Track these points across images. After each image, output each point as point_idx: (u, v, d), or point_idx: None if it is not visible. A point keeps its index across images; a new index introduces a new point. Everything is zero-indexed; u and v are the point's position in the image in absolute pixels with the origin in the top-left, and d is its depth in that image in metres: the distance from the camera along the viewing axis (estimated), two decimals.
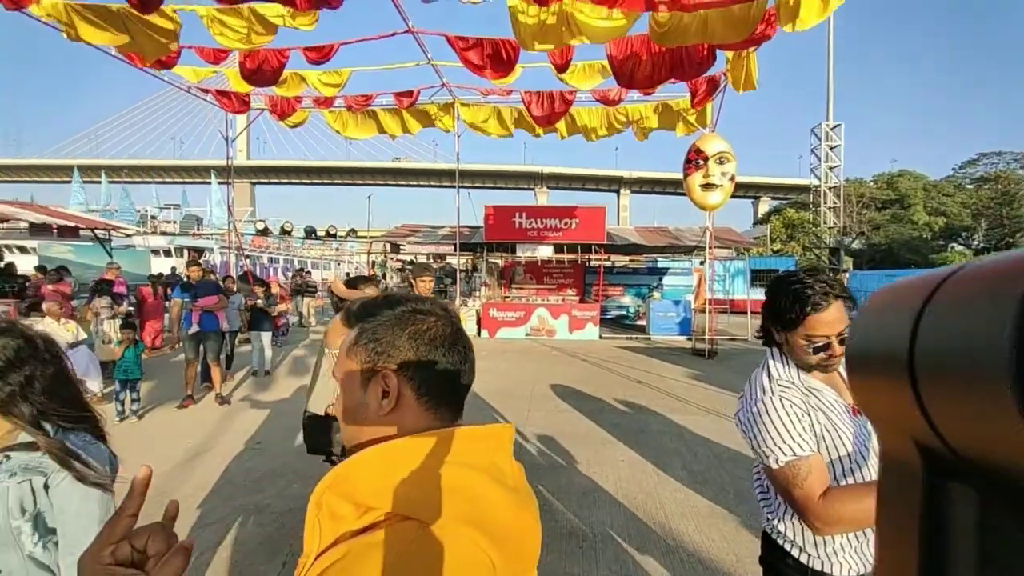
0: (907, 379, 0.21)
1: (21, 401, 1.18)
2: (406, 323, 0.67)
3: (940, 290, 0.21)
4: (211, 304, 6.01)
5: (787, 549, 1.27)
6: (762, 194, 59.74)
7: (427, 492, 0.56)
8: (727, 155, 8.40)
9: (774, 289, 1.28)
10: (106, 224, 11.45)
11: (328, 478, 0.60)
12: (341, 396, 0.69)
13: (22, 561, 1.19)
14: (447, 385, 0.67)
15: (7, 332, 1.20)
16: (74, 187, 31.73)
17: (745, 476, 4.07)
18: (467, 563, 0.54)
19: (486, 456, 0.63)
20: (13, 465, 1.18)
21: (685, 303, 13.07)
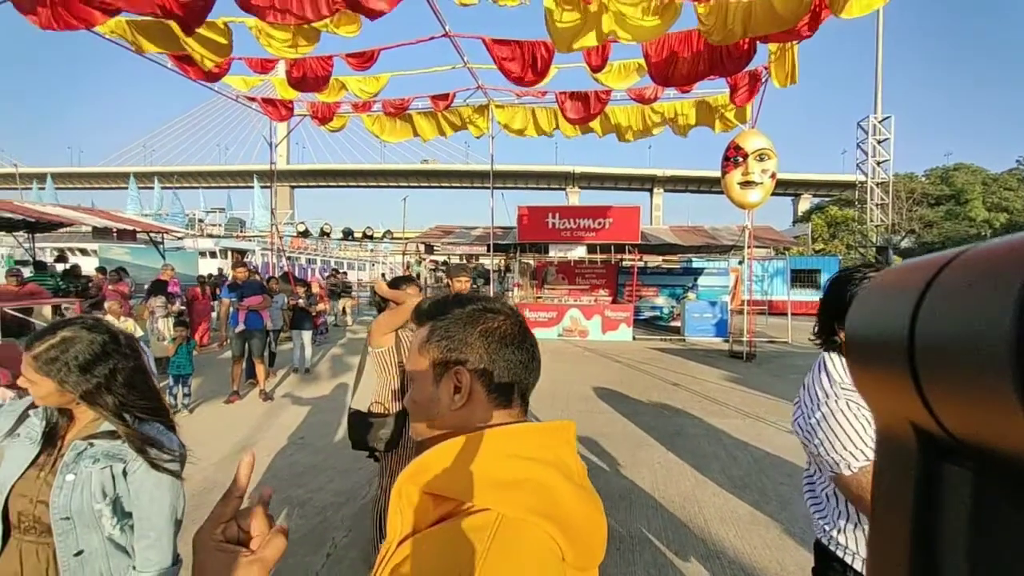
0: (906, 364, 0.21)
1: (106, 392, 1.28)
2: (477, 321, 0.70)
3: (943, 273, 0.21)
4: (256, 303, 6.28)
5: (848, 561, 1.23)
6: (802, 191, 57.46)
7: (502, 484, 0.59)
8: (768, 152, 8.14)
9: (841, 286, 1.25)
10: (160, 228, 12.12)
11: (409, 470, 0.63)
12: (412, 391, 0.72)
13: (102, 541, 1.29)
14: (515, 381, 0.70)
15: (95, 328, 1.31)
16: (130, 193, 33.68)
17: (786, 482, 3.95)
18: (541, 553, 0.57)
19: (553, 451, 0.65)
20: (96, 452, 1.28)
21: (721, 304, 12.74)
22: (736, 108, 8.28)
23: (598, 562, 0.66)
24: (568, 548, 0.59)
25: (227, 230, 31.10)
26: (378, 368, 2.70)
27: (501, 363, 0.69)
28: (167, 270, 9.11)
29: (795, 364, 9.13)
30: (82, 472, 1.26)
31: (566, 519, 0.60)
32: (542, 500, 0.59)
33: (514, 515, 0.58)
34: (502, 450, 0.62)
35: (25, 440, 1.30)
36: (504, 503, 0.58)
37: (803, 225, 33.54)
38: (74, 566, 1.24)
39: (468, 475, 0.60)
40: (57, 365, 1.22)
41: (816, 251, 27.91)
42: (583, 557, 0.62)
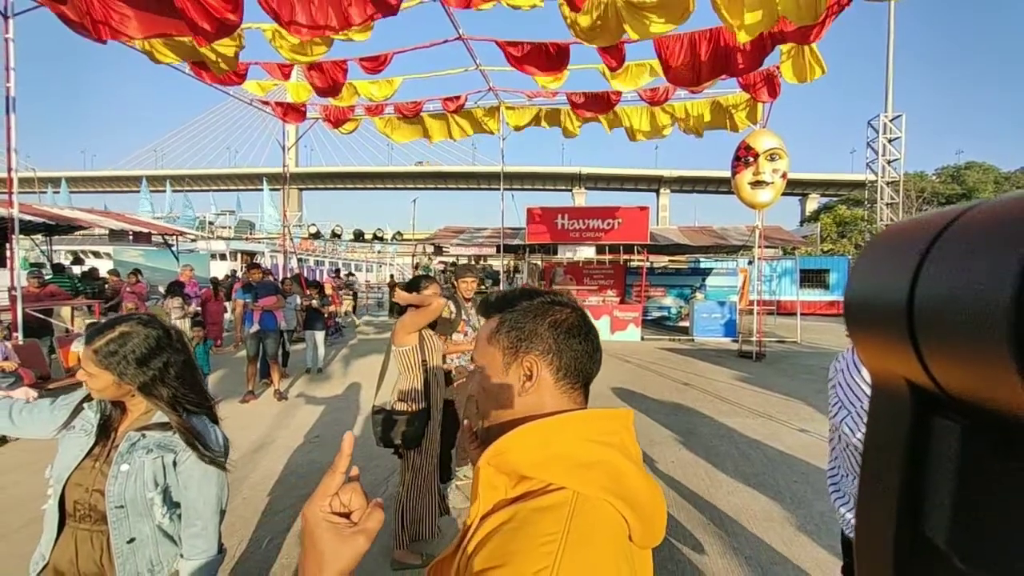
0: (905, 324, 0.21)
1: (161, 384, 1.34)
2: (546, 313, 0.75)
3: (944, 236, 0.21)
4: (271, 304, 6.37)
5: None
6: (810, 191, 57.05)
7: (577, 465, 0.64)
8: (779, 151, 8.14)
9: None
10: (174, 230, 12.31)
11: (487, 453, 0.68)
12: (480, 379, 0.77)
13: (152, 530, 1.35)
14: (581, 370, 0.74)
15: (150, 323, 1.37)
16: (142, 196, 34.10)
17: (800, 480, 3.97)
18: (615, 530, 0.62)
19: (618, 436, 0.69)
20: (149, 442, 1.34)
21: (730, 304, 12.71)
22: (748, 108, 8.28)
23: (658, 542, 0.70)
24: (636, 526, 0.63)
25: (237, 232, 31.43)
26: (402, 366, 2.75)
27: (568, 353, 0.74)
28: (186, 270, 9.22)
29: (805, 364, 9.10)
30: (136, 462, 1.32)
31: (635, 499, 0.64)
32: (614, 480, 0.64)
33: (589, 494, 0.62)
34: (575, 434, 0.67)
35: (80, 432, 1.37)
36: (580, 483, 0.63)
37: (811, 225, 33.29)
38: (126, 552, 1.30)
39: (545, 456, 0.64)
40: (116, 358, 1.28)
41: (824, 251, 27.71)
42: (647, 536, 0.66)
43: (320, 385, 7.26)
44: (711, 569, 2.79)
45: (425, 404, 2.75)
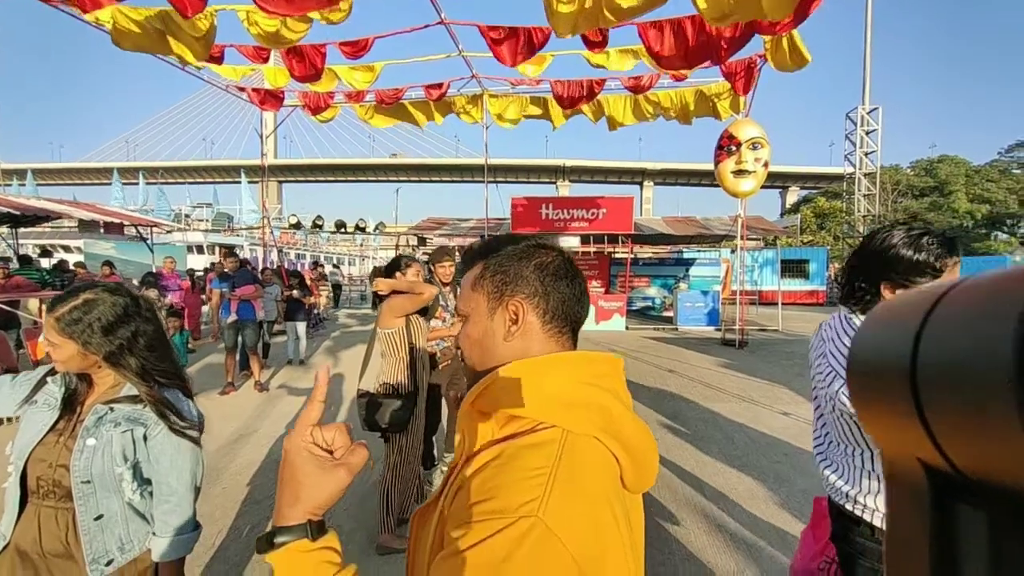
0: (910, 397, 0.20)
1: (129, 354, 1.27)
2: (531, 256, 0.72)
3: (940, 305, 0.20)
4: (248, 293, 6.21)
5: (876, 524, 1.24)
6: (790, 184, 58.08)
7: (568, 404, 0.61)
8: (760, 140, 8.21)
9: (899, 242, 1.21)
10: (148, 221, 11.93)
11: (472, 393, 0.64)
12: (466, 327, 0.74)
13: (122, 506, 1.28)
14: (568, 313, 0.71)
15: (117, 291, 1.30)
16: (114, 188, 33.06)
17: (783, 460, 4.03)
18: (607, 469, 0.59)
19: (608, 380, 0.66)
20: (117, 416, 1.27)
21: (713, 293, 12.88)
22: (730, 97, 8.32)
23: (649, 486, 0.68)
24: (628, 466, 0.61)
25: (214, 225, 30.68)
26: (387, 349, 2.70)
27: (555, 295, 0.70)
28: (168, 262, 8.92)
29: (786, 351, 9.27)
30: (103, 436, 1.25)
31: (627, 440, 0.62)
32: (606, 420, 0.61)
33: (580, 432, 0.59)
34: (565, 374, 0.64)
35: (43, 406, 1.29)
36: (570, 421, 0.60)
37: (792, 216, 33.93)
38: (94, 530, 1.24)
39: (534, 394, 0.61)
40: (80, 326, 1.21)
41: (804, 242, 28.26)
42: (639, 479, 0.64)
43: (302, 376, 7.14)
44: (696, 546, 2.81)
45: (412, 387, 2.71)
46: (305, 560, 0.55)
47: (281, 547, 0.55)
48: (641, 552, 0.68)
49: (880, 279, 1.24)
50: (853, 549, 1.28)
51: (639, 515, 0.70)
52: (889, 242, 1.23)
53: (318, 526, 0.56)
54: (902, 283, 1.21)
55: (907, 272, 1.20)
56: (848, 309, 1.33)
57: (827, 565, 1.40)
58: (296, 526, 0.55)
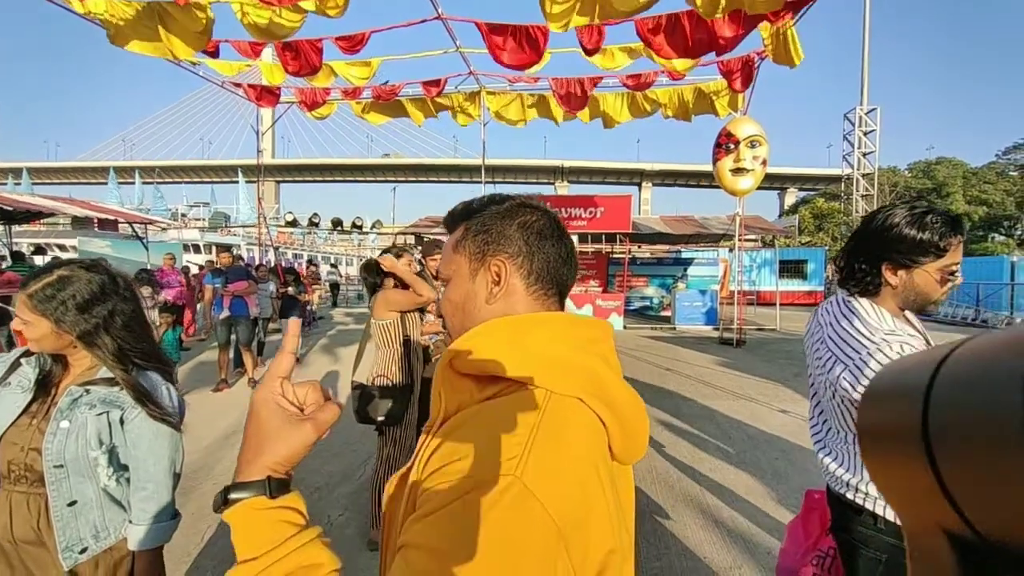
0: (924, 458, 0.20)
1: (104, 334, 1.22)
2: (515, 214, 0.68)
3: (945, 365, 0.20)
4: (241, 289, 6.16)
5: (879, 512, 1.19)
6: (788, 185, 58.19)
7: (552, 363, 0.57)
8: (759, 138, 8.20)
9: (902, 221, 1.16)
10: (143, 218, 11.84)
11: (449, 353, 0.60)
12: (448, 291, 0.70)
13: (97, 492, 1.23)
14: (554, 275, 0.67)
15: (93, 268, 1.25)
16: (110, 187, 32.94)
17: (781, 457, 3.99)
18: (593, 430, 0.55)
19: (598, 345, 0.63)
20: (92, 398, 1.23)
21: (711, 293, 12.86)
22: (729, 95, 8.31)
23: (639, 456, 0.64)
24: (617, 433, 0.57)
25: (211, 224, 30.56)
26: (381, 340, 2.65)
27: (540, 255, 0.67)
28: (168, 258, 8.84)
29: (785, 350, 9.24)
30: (77, 419, 1.20)
31: (615, 404, 0.58)
32: (593, 383, 0.57)
33: (565, 393, 0.56)
34: (551, 334, 0.60)
35: (16, 388, 1.24)
36: (554, 382, 0.56)
37: (790, 217, 33.95)
38: (67, 516, 1.19)
39: (515, 354, 0.57)
40: (54, 303, 1.17)
41: (803, 243, 28.29)
42: (628, 448, 0.60)
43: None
44: (692, 541, 2.77)
45: (407, 379, 2.66)
46: (261, 519, 0.50)
47: (235, 504, 0.50)
48: (630, 525, 0.64)
49: (882, 260, 1.20)
50: (854, 538, 1.24)
51: (628, 488, 0.66)
52: (891, 221, 1.18)
53: (279, 484, 0.52)
54: (905, 263, 1.17)
55: (911, 252, 1.16)
56: (847, 292, 1.29)
57: (821, 559, 1.36)
58: (254, 482, 0.51)
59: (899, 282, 1.19)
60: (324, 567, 0.50)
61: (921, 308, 1.21)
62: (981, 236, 31.23)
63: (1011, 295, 14.55)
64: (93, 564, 1.22)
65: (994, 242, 30.44)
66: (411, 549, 0.46)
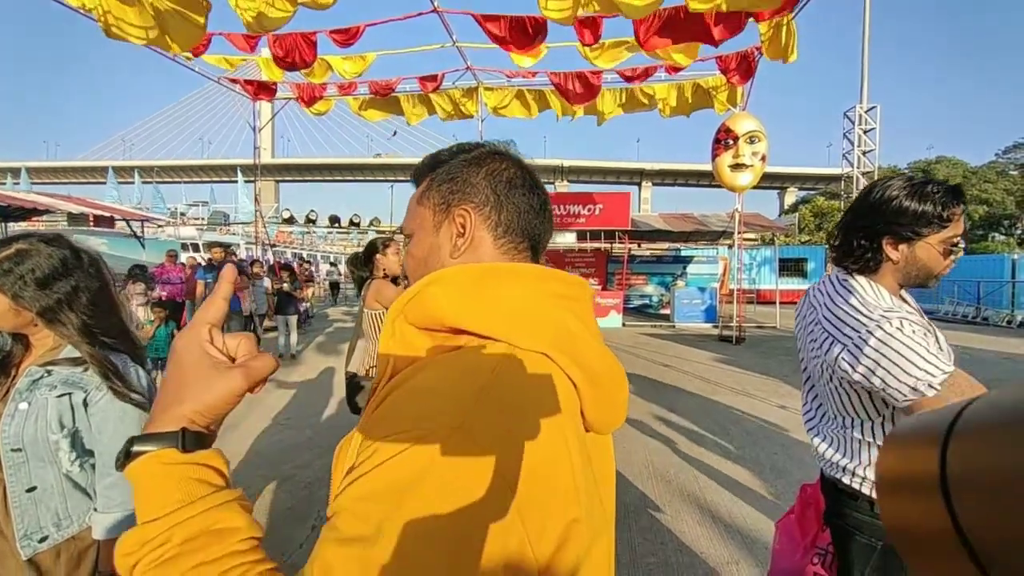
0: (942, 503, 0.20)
1: (68, 310, 1.16)
2: (482, 162, 0.62)
3: (965, 413, 0.20)
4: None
5: (866, 492, 1.15)
6: (788, 184, 58.19)
7: (516, 315, 0.51)
8: (758, 134, 8.14)
9: (901, 192, 1.11)
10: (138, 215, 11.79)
11: (400, 302, 0.54)
12: (411, 246, 0.64)
13: (58, 478, 1.18)
14: (525, 228, 0.62)
15: (54, 242, 1.19)
16: (108, 186, 32.86)
17: (780, 452, 3.94)
18: (560, 387, 0.49)
19: (571, 302, 0.57)
20: (54, 379, 1.17)
21: (711, 291, 12.81)
22: (728, 91, 8.26)
23: (616, 425, 0.58)
24: (590, 396, 0.51)
25: (210, 223, 30.48)
26: (373, 330, 2.60)
27: (509, 206, 0.61)
28: (170, 255, 8.74)
29: (784, 346, 9.19)
30: (37, 400, 1.14)
31: (588, 364, 0.52)
32: (563, 340, 0.51)
33: (529, 348, 0.50)
34: (516, 285, 0.54)
35: None
36: (518, 335, 0.50)
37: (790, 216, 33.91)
38: (25, 503, 1.13)
39: (477, 305, 0.51)
40: (11, 278, 1.11)
41: (803, 242, 28.24)
42: (604, 415, 0.54)
43: (292, 370, 7.02)
44: (689, 536, 2.71)
45: None
46: (168, 475, 0.42)
47: (138, 457, 0.43)
48: (608, 499, 0.59)
49: (883, 234, 1.14)
50: (849, 524, 1.18)
51: (605, 459, 0.60)
52: (890, 193, 1.13)
53: (196, 438, 0.45)
54: (908, 236, 1.12)
55: (913, 224, 1.10)
56: (843, 270, 1.23)
57: (822, 556, 1.30)
58: (165, 433, 0.44)
59: (901, 257, 1.14)
60: (239, 532, 0.43)
61: (924, 283, 1.16)
62: (982, 235, 31.18)
63: (1012, 293, 14.49)
64: (54, 554, 1.16)
65: (995, 241, 30.38)
66: (341, 513, 0.40)
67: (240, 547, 0.42)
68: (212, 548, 0.41)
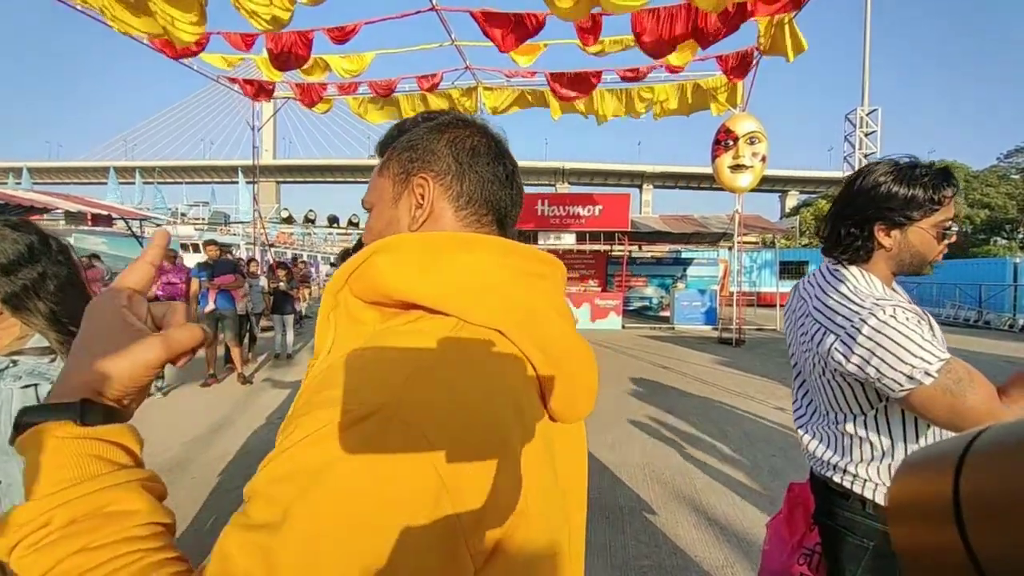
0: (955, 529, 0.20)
1: (35, 298, 1.12)
2: (445, 129, 0.58)
3: (974, 447, 0.20)
4: (228, 283, 6.04)
5: (867, 495, 1.09)
6: (790, 188, 58.15)
7: (468, 289, 0.46)
8: (758, 135, 8.09)
9: (889, 177, 1.08)
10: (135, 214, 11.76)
11: (343, 272, 0.49)
12: (370, 220, 0.60)
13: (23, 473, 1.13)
14: (490, 199, 0.57)
15: (20, 227, 1.15)
16: (109, 186, 32.92)
17: (778, 454, 3.88)
18: (514, 367, 0.44)
19: (538, 280, 0.52)
20: (19, 370, 1.12)
21: (711, 293, 12.75)
22: (728, 91, 8.21)
23: (584, 414, 0.53)
24: (551, 381, 0.47)
25: (211, 224, 30.48)
26: None
27: (472, 175, 0.56)
28: (170, 255, 8.64)
29: (784, 349, 9.08)
30: (1, 392, 1.10)
31: (549, 345, 0.47)
32: (523, 317, 0.47)
33: (482, 324, 0.45)
34: (476, 257, 0.49)
35: None
36: (470, 310, 0.45)
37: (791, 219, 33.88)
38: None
39: (428, 276, 0.46)
40: None
41: (803, 245, 28.19)
42: (569, 403, 0.49)
43: (288, 369, 6.98)
44: (685, 540, 2.65)
45: None
46: (60, 448, 0.37)
47: (29, 429, 0.37)
48: (576, 497, 0.54)
49: (874, 221, 1.10)
50: (839, 525, 1.14)
51: (573, 451, 0.55)
52: (877, 179, 1.10)
53: (102, 411, 0.39)
54: (900, 221, 1.08)
55: (904, 208, 1.07)
56: (833, 260, 1.19)
57: (808, 557, 1.25)
58: (62, 404, 0.38)
59: (893, 243, 1.10)
60: (137, 516, 0.37)
61: (918, 270, 1.12)
62: (983, 239, 31.10)
63: (1014, 296, 14.42)
64: None
65: (996, 245, 30.30)
66: (252, 498, 0.35)
67: (138, 532, 0.37)
68: (101, 532, 0.35)
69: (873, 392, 1.05)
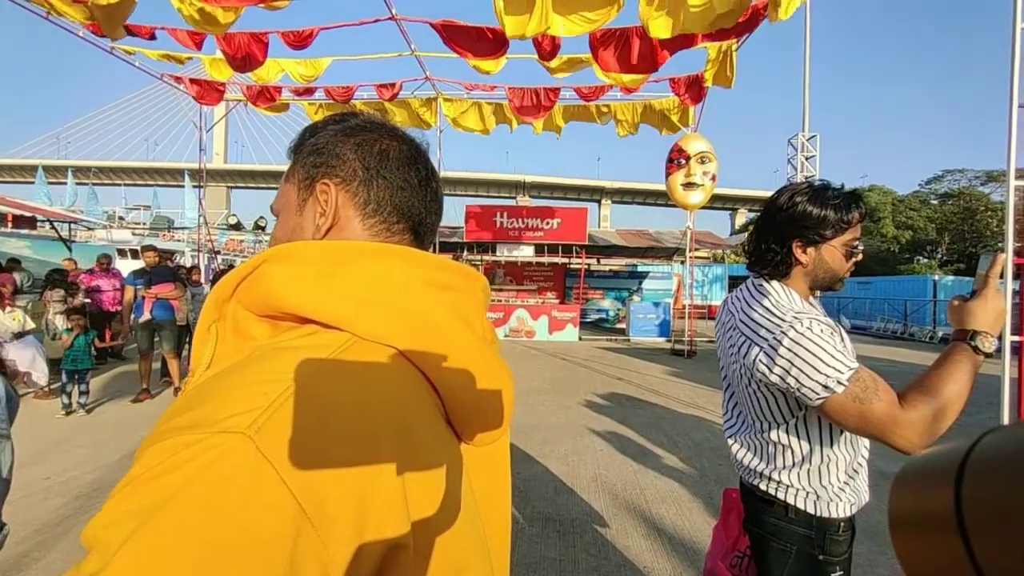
0: (958, 538, 0.20)
1: None
2: (353, 133, 0.54)
3: (971, 458, 0.21)
4: (166, 292, 5.68)
5: (790, 501, 1.14)
6: (739, 206, 61.10)
7: (362, 302, 0.43)
8: (708, 155, 8.46)
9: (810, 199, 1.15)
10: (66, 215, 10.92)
11: (230, 281, 0.45)
12: (275, 228, 0.56)
13: None
14: (402, 207, 0.54)
15: None
16: (37, 186, 30.44)
17: (724, 463, 3.99)
18: (411, 390, 0.42)
19: (448, 293, 0.48)
20: None
21: (665, 305, 13.13)
22: (680, 112, 8.56)
23: (492, 439, 0.50)
24: (453, 398, 0.44)
25: (152, 228, 28.70)
26: None
27: (380, 181, 0.53)
28: (103, 260, 8.02)
29: None
30: None
31: (453, 363, 0.44)
32: (424, 333, 0.44)
33: (373, 339, 0.41)
34: (378, 267, 0.46)
35: None
36: (363, 324, 0.42)
37: (740, 236, 35.54)
38: None
39: (322, 287, 0.43)
40: None
41: None
42: (475, 420, 0.47)
43: None
44: (634, 551, 2.66)
45: None
46: None
47: None
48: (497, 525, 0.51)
49: (792, 238, 1.18)
50: (765, 531, 1.18)
51: (493, 476, 0.52)
52: (795, 199, 1.18)
53: None
54: (814, 240, 1.16)
55: (817, 227, 1.15)
56: (756, 275, 1.26)
57: (739, 560, 1.29)
58: None
59: (809, 260, 1.18)
60: None
61: (831, 285, 1.21)
62: (908, 258, 33.67)
63: (934, 311, 15.69)
64: None
65: (919, 264, 32.87)
66: (93, 545, 0.30)
67: None
68: None
69: (794, 401, 1.10)
